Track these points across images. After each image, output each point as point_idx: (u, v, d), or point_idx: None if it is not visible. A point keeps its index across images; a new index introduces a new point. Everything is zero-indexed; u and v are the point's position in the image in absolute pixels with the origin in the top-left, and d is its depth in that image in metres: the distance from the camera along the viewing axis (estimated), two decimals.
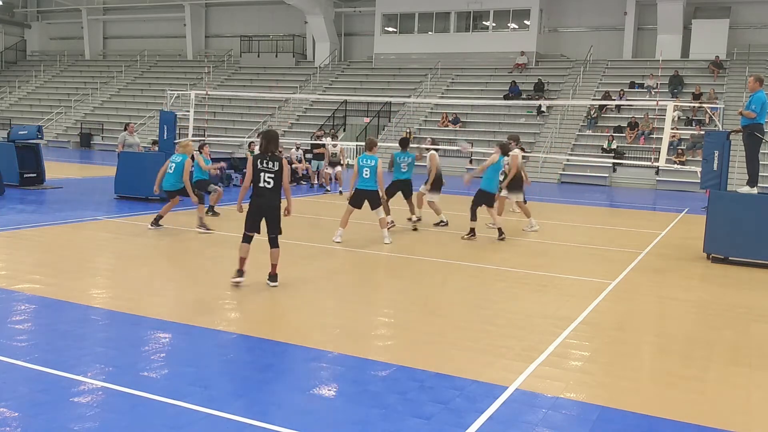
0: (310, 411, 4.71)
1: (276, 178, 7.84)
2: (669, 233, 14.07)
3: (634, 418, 4.82)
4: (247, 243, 8.03)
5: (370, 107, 33.06)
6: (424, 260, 10.29)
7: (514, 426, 4.62)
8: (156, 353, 5.74)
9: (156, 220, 11.79)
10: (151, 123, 34.83)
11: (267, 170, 7.82)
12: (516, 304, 7.87)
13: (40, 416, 4.44)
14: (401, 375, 5.43)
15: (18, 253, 9.52)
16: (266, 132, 8.09)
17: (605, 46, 33.69)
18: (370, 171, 11.31)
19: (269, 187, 7.83)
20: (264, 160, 7.84)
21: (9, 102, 42.17)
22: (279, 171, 7.84)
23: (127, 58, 44.11)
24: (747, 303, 8.34)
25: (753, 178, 11.10)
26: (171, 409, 4.62)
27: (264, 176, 7.82)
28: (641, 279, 9.52)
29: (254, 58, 40.02)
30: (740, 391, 5.47)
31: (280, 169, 7.84)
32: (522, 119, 31.08)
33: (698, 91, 28.05)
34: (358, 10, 38.58)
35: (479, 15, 35.28)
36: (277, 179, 7.85)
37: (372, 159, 11.33)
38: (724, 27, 30.75)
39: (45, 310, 6.83)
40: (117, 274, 8.75)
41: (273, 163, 7.83)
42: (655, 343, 6.77)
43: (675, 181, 25.40)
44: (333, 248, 10.83)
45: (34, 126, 18.14)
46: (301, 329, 6.59)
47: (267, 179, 7.82)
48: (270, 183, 7.82)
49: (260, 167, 7.83)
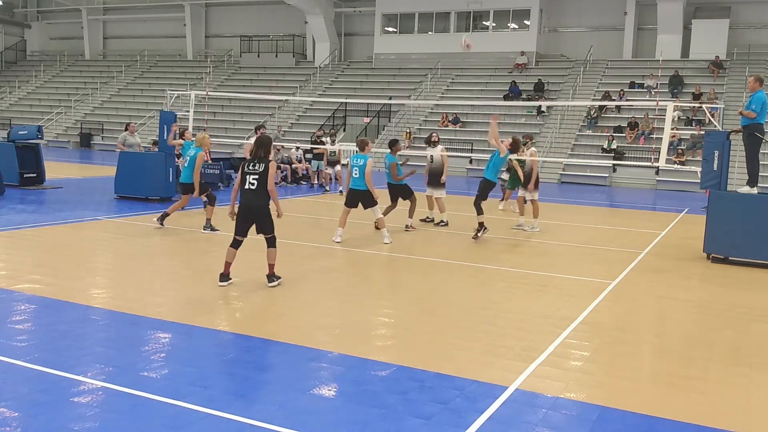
0: (310, 411, 4.71)
1: (260, 180, 7.90)
2: (669, 233, 14.07)
3: (634, 418, 4.82)
4: (235, 248, 8.12)
5: (370, 107, 33.06)
6: (424, 260, 10.29)
7: (514, 426, 4.62)
8: (156, 353, 5.74)
9: (162, 217, 11.88)
10: (151, 123, 34.83)
11: (252, 172, 7.93)
12: (516, 304, 7.87)
13: (40, 416, 4.44)
14: (401, 375, 5.43)
15: (18, 253, 9.52)
16: (259, 138, 8.21)
17: (605, 46, 33.69)
18: (359, 170, 11.34)
19: (253, 188, 7.91)
20: (251, 163, 7.97)
21: (9, 102, 42.16)
22: (264, 172, 7.91)
23: (127, 58, 44.11)
24: (747, 303, 8.34)
25: (753, 178, 11.10)
26: (171, 409, 4.63)
27: (249, 178, 7.94)
28: (641, 279, 9.52)
29: (254, 58, 40.02)
30: (740, 391, 5.47)
31: (265, 170, 7.91)
32: (522, 119, 31.07)
33: (698, 91, 28.05)
34: (358, 10, 38.58)
35: (479, 15, 35.27)
36: (261, 180, 7.90)
37: (362, 158, 11.34)
38: (724, 27, 30.74)
39: (45, 310, 6.83)
40: (117, 274, 8.76)
41: (258, 165, 7.93)
42: (655, 343, 6.77)
43: (675, 181, 25.40)
44: (333, 248, 10.83)
45: (34, 126, 18.14)
46: (301, 329, 6.59)
47: (251, 181, 7.92)
48: (254, 184, 7.91)
49: (246, 170, 7.97)
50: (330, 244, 11.07)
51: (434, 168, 13.68)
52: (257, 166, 7.94)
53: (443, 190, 13.69)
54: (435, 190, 13.66)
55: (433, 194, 13.72)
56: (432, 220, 13.83)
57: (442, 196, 13.68)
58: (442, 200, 13.66)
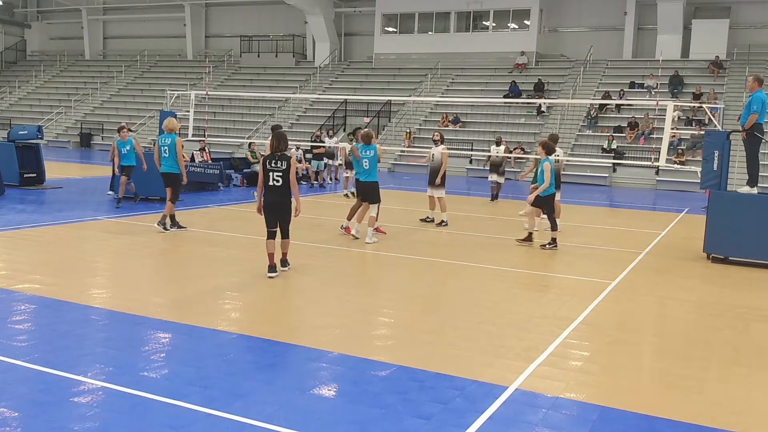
0: (310, 411, 4.71)
1: (284, 177, 8.30)
2: (669, 233, 14.07)
3: (634, 418, 4.82)
4: (272, 239, 8.52)
5: (370, 107, 33.06)
6: (424, 260, 10.29)
7: (514, 426, 4.62)
8: (156, 353, 5.74)
9: (172, 221, 11.63)
10: (151, 123, 34.83)
11: (275, 169, 8.30)
12: (516, 304, 7.87)
13: (40, 416, 4.44)
14: (401, 375, 5.43)
15: (18, 253, 9.52)
16: (278, 132, 8.48)
17: (605, 46, 33.68)
18: (369, 162, 11.33)
19: (278, 185, 8.31)
20: (273, 160, 8.33)
21: (9, 102, 42.15)
22: (287, 169, 8.30)
23: (127, 58, 44.10)
24: (747, 303, 8.34)
25: (753, 178, 11.10)
26: (171, 409, 4.63)
27: (273, 175, 8.30)
28: (641, 279, 9.52)
29: (254, 58, 40.02)
30: (740, 391, 5.47)
31: (287, 167, 8.30)
32: (522, 119, 31.08)
33: (698, 91, 28.05)
34: (358, 10, 38.57)
35: (479, 15, 35.27)
36: (285, 177, 8.30)
37: (370, 149, 11.35)
38: (724, 27, 30.74)
39: (45, 310, 6.83)
40: (117, 274, 8.75)
41: (281, 162, 8.30)
42: (655, 343, 6.77)
43: (675, 181, 25.40)
44: (333, 248, 10.83)
45: (34, 126, 18.14)
46: (301, 329, 6.59)
47: (276, 178, 8.30)
48: (279, 181, 8.30)
49: (269, 167, 8.33)
50: (330, 243, 11.07)
51: (433, 166, 13.70)
52: (280, 164, 8.29)
53: (443, 190, 13.69)
54: (435, 190, 13.66)
55: (434, 194, 13.72)
56: (432, 220, 13.82)
57: (443, 195, 13.69)
58: (443, 200, 13.66)
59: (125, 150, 14.57)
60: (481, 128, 30.75)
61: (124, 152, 14.56)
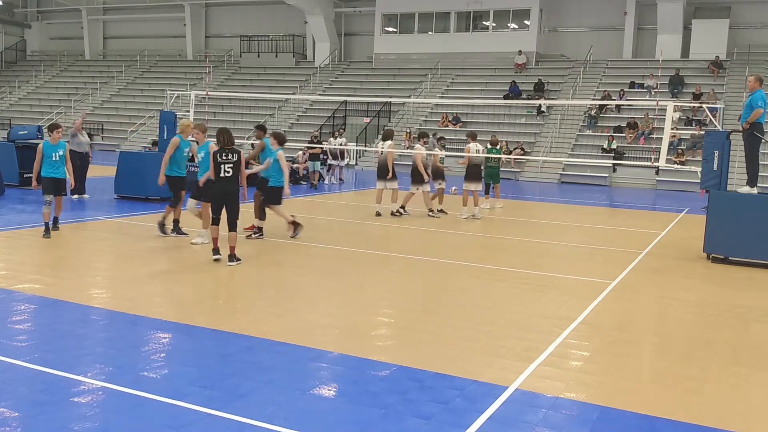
0: (310, 411, 4.71)
1: (234, 168, 9.04)
2: (669, 233, 14.07)
3: (634, 418, 4.82)
4: (216, 225, 9.22)
5: (370, 107, 33.05)
6: (424, 260, 10.29)
7: (514, 426, 4.62)
8: (156, 353, 5.75)
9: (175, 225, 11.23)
10: (151, 123, 34.83)
11: (227, 161, 9.02)
12: (516, 304, 7.87)
13: (40, 416, 4.44)
14: (401, 375, 5.43)
15: (18, 253, 9.52)
16: (221, 129, 9.28)
17: (605, 46, 33.67)
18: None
19: (229, 175, 9.02)
20: (224, 153, 9.04)
21: (9, 102, 42.14)
22: (237, 161, 9.07)
23: (127, 58, 44.09)
24: (747, 303, 8.34)
25: (753, 178, 11.10)
26: (171, 409, 4.63)
27: (224, 167, 9.00)
28: (641, 279, 9.52)
29: (254, 58, 40.02)
30: (740, 391, 5.47)
31: (238, 160, 9.08)
32: (522, 119, 31.08)
33: (698, 91, 28.04)
34: (358, 10, 38.57)
35: (479, 15, 35.26)
36: (235, 169, 9.04)
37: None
38: (724, 27, 30.74)
39: (45, 310, 6.83)
40: (117, 274, 8.75)
41: (232, 155, 9.07)
42: (655, 343, 6.77)
43: (675, 181, 25.40)
44: (332, 248, 10.83)
45: (34, 126, 18.13)
46: (301, 329, 6.59)
47: (227, 169, 9.00)
48: (230, 172, 9.01)
49: (220, 160, 9.01)
50: (330, 243, 11.07)
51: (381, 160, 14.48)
52: (231, 156, 9.04)
53: (395, 183, 14.42)
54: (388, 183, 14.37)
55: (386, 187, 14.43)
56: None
57: (396, 188, 14.47)
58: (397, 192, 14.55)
59: (56, 156, 10.42)
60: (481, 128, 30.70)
61: (54, 159, 10.41)
